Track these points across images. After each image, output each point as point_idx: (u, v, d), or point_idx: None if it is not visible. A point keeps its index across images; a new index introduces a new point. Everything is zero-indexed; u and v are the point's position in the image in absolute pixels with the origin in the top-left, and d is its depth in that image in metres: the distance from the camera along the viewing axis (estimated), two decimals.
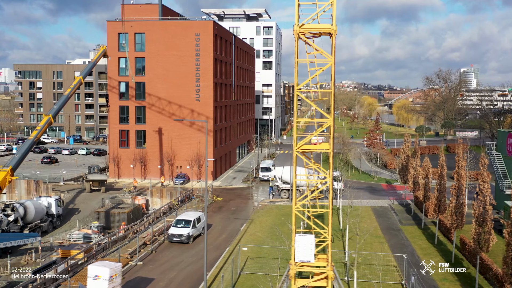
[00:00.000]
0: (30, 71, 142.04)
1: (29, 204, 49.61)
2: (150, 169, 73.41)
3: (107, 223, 53.78)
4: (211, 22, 72.62)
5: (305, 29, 21.95)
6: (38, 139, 40.72)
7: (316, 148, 24.01)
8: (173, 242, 42.04)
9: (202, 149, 71.86)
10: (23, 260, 42.51)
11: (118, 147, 73.76)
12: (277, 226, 48.73)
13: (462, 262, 37.36)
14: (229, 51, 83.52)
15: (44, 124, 41.41)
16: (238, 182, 73.40)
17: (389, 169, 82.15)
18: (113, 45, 72.69)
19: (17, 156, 37.62)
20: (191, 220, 43.01)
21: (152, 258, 38.16)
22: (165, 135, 72.74)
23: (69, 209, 58.64)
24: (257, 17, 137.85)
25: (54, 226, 53.83)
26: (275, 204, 59.49)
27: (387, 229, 47.25)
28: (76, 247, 45.00)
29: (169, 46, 71.67)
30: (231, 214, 54.21)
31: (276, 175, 63.21)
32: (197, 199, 60.77)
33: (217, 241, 43.37)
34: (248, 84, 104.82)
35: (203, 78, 71.59)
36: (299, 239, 22.80)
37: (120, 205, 57.02)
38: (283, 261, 37.51)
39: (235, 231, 46.84)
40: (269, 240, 43.93)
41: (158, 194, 63.16)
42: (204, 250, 40.23)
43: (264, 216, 52.86)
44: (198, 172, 72.12)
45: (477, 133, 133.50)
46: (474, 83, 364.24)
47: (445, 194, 41.51)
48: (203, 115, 71.83)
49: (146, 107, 72.98)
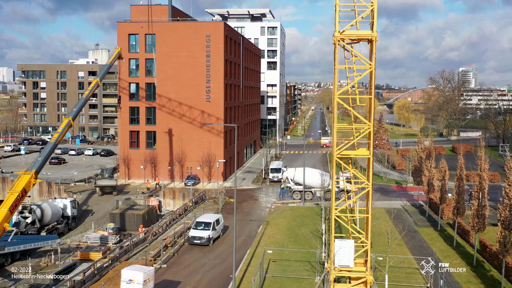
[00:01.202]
0: (33, 71, 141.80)
1: (45, 206, 49.71)
2: (160, 170, 73.45)
3: (122, 225, 53.90)
4: (222, 23, 72.69)
5: (345, 36, 22.10)
6: (59, 142, 40.80)
7: (355, 154, 24.17)
8: (193, 244, 42.16)
9: (212, 150, 71.97)
10: (43, 262, 42.64)
11: (128, 148, 73.83)
12: (294, 228, 49.02)
13: (483, 265, 37.58)
14: (237, 52, 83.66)
15: (65, 127, 41.46)
16: (249, 183, 73.55)
17: (398, 170, 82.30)
18: (124, 46, 72.59)
19: (40, 159, 37.67)
20: (210, 222, 43.15)
21: (175, 260, 38.30)
22: (175, 136, 72.81)
23: (83, 211, 58.70)
24: (261, 17, 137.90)
25: (69, 228, 53.94)
26: (288, 205, 59.65)
27: (403, 231, 47.37)
28: (95, 249, 45.16)
29: (180, 47, 71.72)
30: (246, 216, 54.38)
31: (288, 177, 63.37)
32: (210, 200, 60.88)
33: (236, 243, 43.35)
34: (255, 85, 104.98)
35: (213, 79, 71.68)
36: (339, 244, 22.92)
37: (134, 207, 57.11)
38: (305, 263, 37.81)
39: (252, 233, 46.99)
40: (288, 242, 44.11)
41: (170, 195, 63.27)
42: (225, 252, 40.61)
43: (279, 218, 53.02)
44: (208, 173, 72.22)
45: (480, 133, 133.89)
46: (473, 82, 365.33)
47: (464, 197, 41.75)
48: (213, 116, 71.95)
49: (156, 108, 73.05)
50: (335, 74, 22.67)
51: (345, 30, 22.12)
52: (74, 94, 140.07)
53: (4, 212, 32.45)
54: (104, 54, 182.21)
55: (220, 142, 72.58)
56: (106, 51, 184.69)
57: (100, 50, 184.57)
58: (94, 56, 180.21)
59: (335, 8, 22.20)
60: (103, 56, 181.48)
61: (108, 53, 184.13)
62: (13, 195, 33.70)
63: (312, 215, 54.41)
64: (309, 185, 61.92)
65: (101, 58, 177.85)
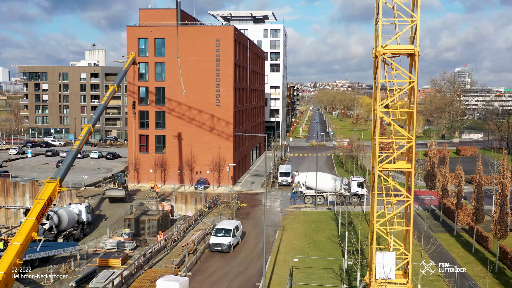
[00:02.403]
0: (36, 73, 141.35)
1: (62, 212, 49.70)
2: (169, 174, 73.46)
3: (137, 230, 53.92)
4: (232, 27, 72.80)
5: (388, 50, 22.29)
6: (81, 149, 40.77)
7: (396, 167, 24.36)
8: (214, 251, 42.27)
9: (222, 154, 72.06)
10: (62, 269, 42.63)
11: (138, 152, 73.79)
12: (311, 233, 49.21)
13: (505, 272, 37.90)
14: (245, 55, 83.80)
15: (85, 134, 41.46)
16: (258, 187, 73.67)
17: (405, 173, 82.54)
18: (133, 50, 72.43)
19: (63, 167, 37.67)
20: (230, 229, 43.28)
21: (198, 268, 38.38)
22: (185, 140, 72.82)
23: (96, 216, 58.65)
24: (263, 19, 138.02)
25: (84, 234, 53.91)
26: (301, 210, 59.83)
27: (420, 236, 47.62)
28: (113, 255, 45.23)
29: (189, 51, 71.69)
30: (261, 221, 54.48)
31: (300, 181, 63.56)
32: (223, 205, 60.97)
33: (256, 250, 43.65)
34: (259, 87, 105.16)
35: (223, 84, 71.76)
36: (380, 257, 23.10)
37: (148, 212, 57.12)
38: (328, 271, 38.01)
39: (270, 239, 47.11)
40: (307, 248, 44.31)
41: (183, 200, 63.37)
42: (247, 259, 40.73)
43: (294, 223, 53.19)
44: (218, 177, 72.29)
45: (482, 135, 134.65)
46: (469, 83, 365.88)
47: (483, 203, 42.03)
48: (223, 120, 72.07)
49: (166, 112, 73.02)
50: (377, 88, 22.81)
51: (388, 44, 22.28)
52: (76, 96, 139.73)
53: (31, 221, 32.40)
54: (101, 54, 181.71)
55: (229, 146, 72.68)
56: (103, 51, 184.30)
57: (97, 50, 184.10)
58: (91, 56, 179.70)
59: (375, 22, 22.36)
60: (100, 56, 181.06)
61: (104, 53, 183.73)
62: (39, 203, 33.65)
63: (326, 220, 54.64)
64: (321, 189, 62.15)
65: (98, 59, 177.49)
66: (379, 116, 23.09)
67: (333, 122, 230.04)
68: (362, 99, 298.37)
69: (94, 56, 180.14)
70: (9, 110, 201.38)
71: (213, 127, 72.37)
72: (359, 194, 62.12)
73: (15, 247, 30.98)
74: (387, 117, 24.30)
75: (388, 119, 23.60)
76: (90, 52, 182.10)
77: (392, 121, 23.63)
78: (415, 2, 22.63)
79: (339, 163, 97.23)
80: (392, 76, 23.26)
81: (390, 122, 23.58)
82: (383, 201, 26.39)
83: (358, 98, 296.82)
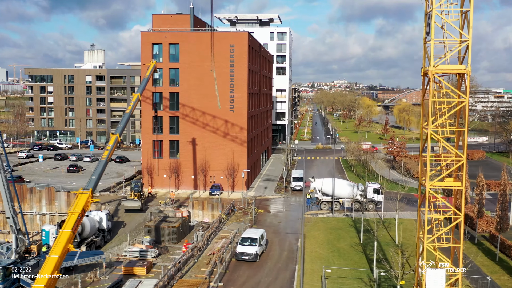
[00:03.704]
0: (41, 75, 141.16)
1: (85, 220, 49.71)
2: (183, 180, 73.61)
3: (157, 237, 54.01)
4: (246, 33, 73.01)
5: (439, 70, 22.56)
6: (109, 159, 40.90)
7: (445, 185, 24.63)
8: (241, 260, 42.49)
9: (236, 159, 72.29)
10: (88, 278, 42.71)
11: (151, 157, 73.90)
12: (333, 241, 49.48)
13: None
14: (257, 60, 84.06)
15: (114, 144, 41.59)
16: (271, 192, 73.93)
17: (416, 178, 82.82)
18: (147, 56, 72.77)
19: (94, 178, 37.77)
20: (256, 238, 43.56)
21: (228, 278, 38.60)
22: (199, 145, 72.99)
23: (114, 222, 58.72)
24: (268, 22, 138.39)
25: (105, 241, 54.00)
26: (318, 216, 60.13)
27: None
28: (138, 264, 45.37)
29: (204, 57, 71.85)
30: (281, 228, 54.75)
31: (316, 187, 63.83)
32: (240, 211, 61.18)
33: (282, 259, 43.90)
34: (268, 91, 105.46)
35: (237, 89, 71.98)
36: (431, 273, 23.38)
37: (167, 219, 57.25)
38: (358, 281, 38.29)
39: (293, 247, 47.41)
40: (332, 257, 44.60)
41: (199, 206, 63.50)
42: (275, 268, 40.95)
43: (314, 231, 53.45)
44: (232, 182, 72.49)
45: (487, 138, 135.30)
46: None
47: (507, 213, 42.41)
48: (237, 125, 72.30)
49: (179, 118, 73.18)
50: (430, 108, 23.07)
51: (439, 64, 22.55)
52: (82, 98, 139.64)
53: (68, 233, 32.55)
54: (100, 54, 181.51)
55: (243, 152, 72.91)
56: (102, 51, 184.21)
57: (96, 50, 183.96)
58: (90, 56, 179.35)
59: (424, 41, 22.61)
60: (99, 57, 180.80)
61: (103, 54, 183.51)
62: (74, 215, 33.79)
63: (345, 227, 54.94)
64: (337, 195, 62.46)
65: (98, 59, 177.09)
66: (430, 135, 23.33)
67: (335, 124, 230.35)
68: (363, 101, 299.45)
69: (93, 56, 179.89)
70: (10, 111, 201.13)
71: (227, 133, 72.57)
72: (375, 200, 62.46)
73: (53, 260, 31.13)
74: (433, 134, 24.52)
75: (437, 137, 23.81)
76: (89, 52, 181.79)
77: (442, 139, 23.81)
78: (465, 21, 22.89)
79: (348, 167, 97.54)
80: (441, 95, 23.49)
81: (440, 140, 23.79)
82: (423, 216, 26.55)
83: (359, 100, 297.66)
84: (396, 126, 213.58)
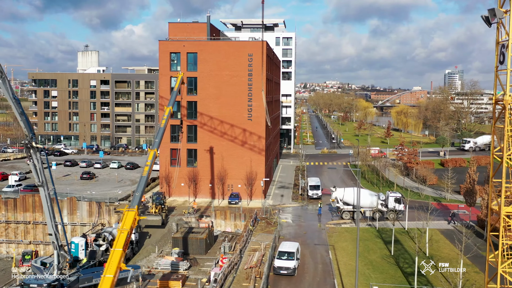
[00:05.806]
0: (45, 80, 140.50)
1: (115, 233, 49.52)
2: (201, 188, 73.70)
3: (185, 249, 54.15)
4: (264, 42, 73.23)
5: None
6: (150, 175, 41.12)
7: None
8: (279, 274, 42.82)
9: (253, 168, 72.55)
10: None
11: (169, 166, 73.97)
12: (363, 253, 49.91)
13: None
14: (272, 68, 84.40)
15: (152, 159, 41.76)
16: (289, 200, 74.32)
17: (430, 185, 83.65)
18: (165, 64, 72.95)
19: (138, 194, 38.06)
20: (293, 252, 43.96)
21: None
22: (217, 154, 73.20)
23: (139, 233, 58.73)
24: (273, 27, 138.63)
25: (133, 253, 54.03)
26: (341, 226, 60.63)
27: (472, 257, 48.52)
28: (172, 277, 45.59)
29: (222, 66, 72.12)
30: (308, 239, 55.09)
31: (337, 197, 64.27)
32: (263, 221, 61.46)
33: (318, 273, 44.28)
34: (277, 98, 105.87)
35: (255, 98, 72.25)
36: None
37: (193, 230, 57.37)
38: None
39: (325, 260, 47.82)
40: (367, 269, 45.09)
41: (222, 216, 63.65)
42: (314, 282, 41.31)
43: (341, 241, 53.90)
44: (250, 191, 72.74)
45: None
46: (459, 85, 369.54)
47: None
48: (255, 134, 72.58)
49: (197, 126, 73.33)
50: (507, 135, 23.54)
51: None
52: (86, 103, 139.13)
53: (119, 252, 32.74)
54: (94, 55, 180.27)
55: (261, 160, 73.22)
56: (96, 52, 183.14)
57: (90, 51, 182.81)
58: (83, 57, 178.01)
59: (496, 69, 23.07)
60: (93, 57, 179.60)
61: (97, 55, 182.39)
62: (123, 234, 33.99)
63: (371, 238, 55.42)
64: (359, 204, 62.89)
65: (92, 60, 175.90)
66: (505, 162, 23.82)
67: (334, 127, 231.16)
68: (359, 103, 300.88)
69: (87, 57, 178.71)
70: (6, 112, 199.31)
71: (245, 141, 72.83)
72: (396, 209, 63.03)
73: (108, 280, 31.33)
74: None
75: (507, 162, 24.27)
76: (82, 53, 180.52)
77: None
78: None
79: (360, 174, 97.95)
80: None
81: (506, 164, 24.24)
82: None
83: (357, 102, 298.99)
84: (394, 128, 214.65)
